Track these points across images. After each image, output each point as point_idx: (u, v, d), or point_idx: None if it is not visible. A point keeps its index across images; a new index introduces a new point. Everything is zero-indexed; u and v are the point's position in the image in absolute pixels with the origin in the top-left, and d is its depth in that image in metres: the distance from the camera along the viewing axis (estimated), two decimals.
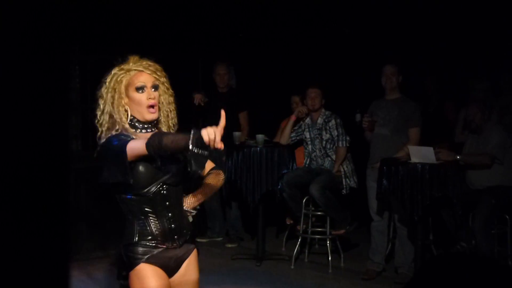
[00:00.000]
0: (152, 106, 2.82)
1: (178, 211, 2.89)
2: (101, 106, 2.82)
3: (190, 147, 2.50)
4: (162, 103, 2.88)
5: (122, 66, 2.85)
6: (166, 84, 2.89)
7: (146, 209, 2.81)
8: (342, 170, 6.07)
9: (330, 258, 5.87)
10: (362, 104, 5.92)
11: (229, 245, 6.62)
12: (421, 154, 5.14)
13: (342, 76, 7.50)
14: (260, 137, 6.10)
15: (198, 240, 2.99)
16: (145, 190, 2.78)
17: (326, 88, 6.27)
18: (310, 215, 6.15)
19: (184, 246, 2.90)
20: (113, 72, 2.85)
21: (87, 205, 6.02)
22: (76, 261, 5.66)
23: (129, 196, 2.80)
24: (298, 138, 6.30)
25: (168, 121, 2.90)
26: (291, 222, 6.40)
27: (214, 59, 6.83)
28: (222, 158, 6.42)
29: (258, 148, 6.02)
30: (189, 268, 2.93)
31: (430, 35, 6.97)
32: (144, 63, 2.85)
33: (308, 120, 6.26)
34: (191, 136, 2.52)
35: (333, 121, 6.09)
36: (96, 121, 2.84)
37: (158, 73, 2.86)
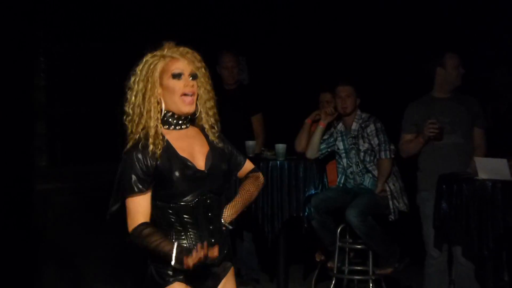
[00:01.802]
0: (187, 94, 3.06)
1: (219, 224, 3.16)
2: (131, 99, 3.06)
3: (173, 263, 2.90)
4: (201, 96, 3.14)
5: (155, 53, 3.11)
6: (206, 76, 3.15)
7: (186, 219, 3.06)
8: (387, 189, 6.05)
9: None
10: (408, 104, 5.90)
11: None
12: (491, 167, 5.11)
13: (383, 69, 7.50)
14: (280, 147, 6.09)
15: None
16: (186, 198, 3.04)
17: (361, 85, 6.26)
18: (347, 249, 6.13)
19: (222, 263, 3.18)
20: (144, 59, 3.10)
21: (57, 236, 6.06)
22: None
23: (166, 204, 3.04)
24: (329, 150, 6.32)
25: (209, 119, 3.16)
26: (322, 258, 6.38)
27: (219, 47, 6.84)
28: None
29: (278, 162, 6.02)
30: (228, 286, 3.21)
31: (499, 15, 6.97)
32: (181, 49, 3.12)
33: (340, 126, 6.26)
34: (174, 252, 2.90)
35: (372, 126, 6.08)
36: (125, 117, 3.07)
37: (197, 62, 3.12)
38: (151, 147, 3.01)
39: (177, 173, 3.01)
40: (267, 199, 6.01)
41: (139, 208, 3.01)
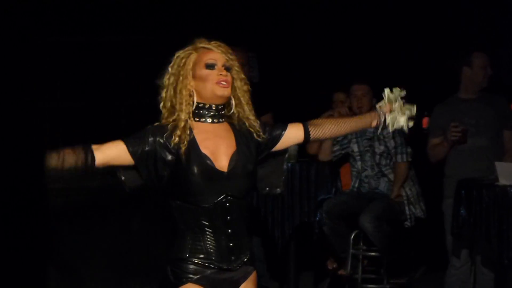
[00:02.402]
0: (222, 82, 3.12)
1: (240, 228, 3.19)
2: (162, 95, 3.14)
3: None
4: (236, 90, 3.19)
5: (187, 47, 3.19)
6: (240, 69, 3.22)
7: (203, 221, 3.11)
8: (404, 194, 6.07)
9: None
10: (430, 104, 5.88)
11: None
12: None
13: (400, 67, 7.49)
14: (292, 149, 6.08)
15: None
16: (204, 198, 3.08)
17: (377, 84, 6.25)
18: (361, 257, 6.13)
19: (242, 268, 3.20)
20: (176, 55, 3.18)
21: (59, 236, 6.12)
22: None
23: (184, 203, 3.10)
24: (343, 152, 6.32)
25: (248, 113, 3.20)
26: (335, 266, 6.39)
27: (228, 43, 6.84)
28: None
29: (290, 164, 6.03)
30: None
31: None
32: (213, 42, 3.21)
33: None
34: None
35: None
36: (161, 117, 3.14)
37: (230, 55, 3.20)
38: (176, 139, 3.06)
39: (195, 170, 3.05)
40: (277, 203, 6.03)
41: (108, 146, 3.05)
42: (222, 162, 3.11)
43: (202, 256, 3.11)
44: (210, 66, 3.13)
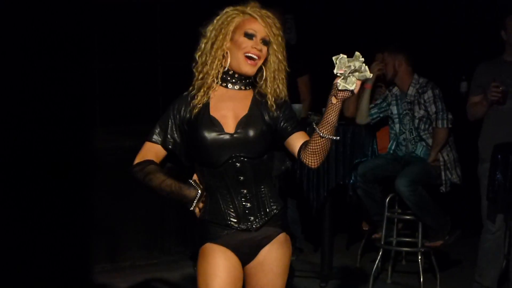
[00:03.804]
0: (251, 58, 3.13)
1: (257, 189, 3.20)
2: (201, 46, 3.18)
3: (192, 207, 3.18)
4: (270, 64, 3.18)
5: (237, 7, 3.21)
6: (281, 46, 3.19)
7: (216, 183, 3.17)
8: (441, 159, 6.06)
9: (422, 280, 5.91)
10: (469, 69, 5.88)
11: None
12: None
13: (438, 29, 7.45)
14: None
15: None
16: (214, 161, 3.13)
17: (413, 48, 6.24)
18: (396, 220, 6.19)
19: (263, 229, 3.19)
20: (225, 10, 3.20)
21: (96, 200, 6.26)
22: (122, 270, 6.25)
23: (200, 165, 3.18)
24: (381, 115, 6.30)
25: (275, 90, 3.18)
26: (369, 228, 6.44)
27: (265, 4, 6.86)
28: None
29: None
30: (268, 256, 3.19)
31: None
32: (264, 11, 3.21)
33: (396, 90, 6.26)
34: (197, 196, 3.17)
35: (429, 92, 6.07)
36: (194, 64, 3.20)
37: (275, 29, 3.19)
38: (198, 98, 3.16)
39: (202, 133, 3.13)
40: None
41: (150, 152, 3.21)
42: (230, 124, 3.14)
43: (220, 217, 3.17)
44: (249, 36, 3.14)
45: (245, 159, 3.13)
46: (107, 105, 6.55)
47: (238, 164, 3.13)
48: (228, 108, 3.16)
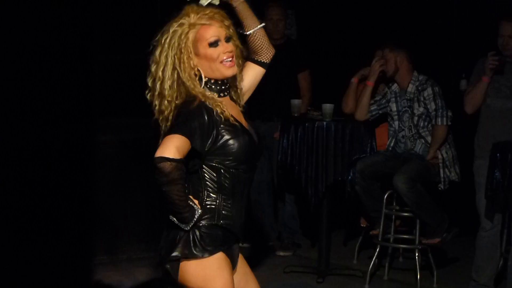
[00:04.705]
0: (228, 61, 3.06)
1: (247, 203, 3.18)
2: (158, 74, 3.01)
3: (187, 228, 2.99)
4: (238, 56, 3.12)
5: (181, 21, 3.03)
6: (235, 33, 3.13)
7: (238, 189, 3.09)
8: (439, 157, 6.08)
9: (419, 277, 5.92)
10: (468, 67, 5.90)
11: (282, 253, 6.74)
12: None
13: (438, 26, 7.46)
14: (327, 107, 6.14)
15: (240, 245, 3.25)
16: (247, 167, 3.09)
17: (413, 45, 6.25)
18: (393, 217, 6.20)
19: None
20: (171, 29, 3.02)
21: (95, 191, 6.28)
22: (119, 263, 6.24)
23: (231, 169, 3.05)
24: (381, 112, 6.33)
25: (240, 80, 3.17)
26: (367, 225, 6.46)
27: (267, 0, 6.86)
28: (274, 133, 6.49)
29: (325, 123, 6.08)
30: (244, 264, 3.27)
31: None
32: (208, 12, 3.05)
33: (395, 86, 6.28)
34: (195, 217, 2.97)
35: (429, 90, 6.10)
36: (148, 92, 3.07)
37: (226, 21, 3.08)
38: (217, 109, 2.99)
39: (241, 139, 3.03)
40: (311, 160, 6.05)
41: (182, 148, 2.92)
42: (253, 134, 3.13)
43: (234, 224, 3.09)
44: (214, 44, 3.04)
45: (253, 173, 3.16)
46: (106, 97, 6.56)
47: (251, 175, 3.15)
48: (241, 118, 3.14)
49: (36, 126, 5.93)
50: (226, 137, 3.02)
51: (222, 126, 3.01)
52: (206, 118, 2.97)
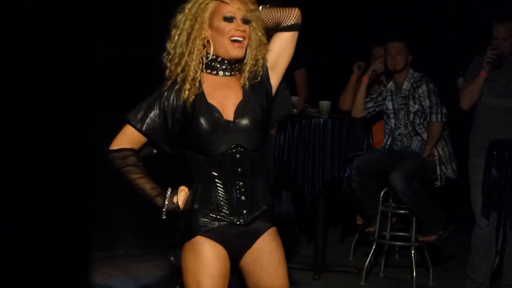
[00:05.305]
0: (237, 41, 3.09)
1: (253, 182, 3.15)
2: (174, 38, 3.10)
3: (163, 215, 3.19)
4: (252, 42, 3.13)
5: None
6: (259, 20, 3.15)
7: (213, 172, 3.12)
8: (436, 154, 6.09)
9: (414, 274, 5.93)
10: (465, 65, 5.91)
11: None
12: None
13: (435, 25, 7.47)
14: (324, 104, 6.15)
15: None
16: (213, 148, 3.09)
17: (414, 41, 6.26)
18: (390, 214, 6.22)
19: (255, 223, 3.17)
20: None
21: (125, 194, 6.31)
22: (115, 259, 6.26)
23: (196, 154, 3.12)
24: (377, 109, 6.34)
25: (257, 68, 3.15)
26: (363, 222, 6.47)
27: None
28: (271, 130, 6.48)
29: (322, 120, 6.09)
30: (263, 251, 3.18)
31: None
32: None
33: (390, 84, 6.29)
34: (166, 203, 3.17)
35: (424, 87, 6.11)
36: (165, 55, 3.14)
37: (251, 5, 3.13)
38: (186, 92, 3.09)
39: (202, 120, 3.07)
40: (308, 157, 6.06)
41: (132, 138, 3.18)
42: (229, 112, 3.11)
43: (212, 207, 3.11)
44: (229, 19, 3.09)
45: (245, 151, 3.10)
46: (103, 94, 6.57)
47: (238, 155, 3.10)
48: (224, 96, 3.13)
49: (33, 122, 5.93)
50: (188, 119, 3.10)
51: (182, 111, 3.11)
52: (157, 107, 3.13)
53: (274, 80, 3.22)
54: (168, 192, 3.17)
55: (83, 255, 6.17)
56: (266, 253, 3.18)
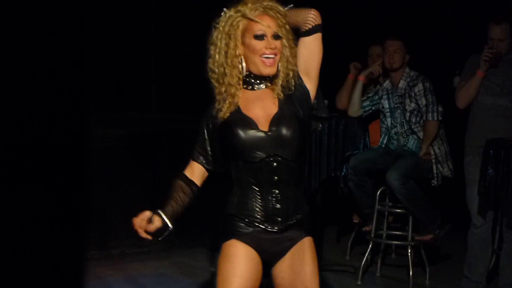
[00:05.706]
0: (268, 56, 3.15)
1: (289, 191, 3.22)
2: (216, 56, 3.19)
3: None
4: (284, 56, 3.19)
5: (239, 7, 3.18)
6: (289, 33, 3.20)
7: (250, 179, 3.21)
8: (432, 152, 6.10)
9: (411, 273, 5.93)
10: (462, 64, 5.91)
11: None
12: None
13: (434, 23, 7.47)
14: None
15: None
16: (250, 156, 3.18)
17: (410, 40, 6.26)
18: (386, 213, 6.23)
19: (289, 231, 3.22)
20: (228, 14, 3.19)
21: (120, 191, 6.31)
22: (111, 258, 6.25)
23: (235, 161, 3.23)
24: (373, 108, 6.35)
25: (290, 79, 3.20)
26: (359, 221, 6.48)
27: None
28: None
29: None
30: (297, 259, 3.23)
31: None
32: (266, 3, 3.17)
33: (387, 83, 6.30)
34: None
35: (420, 86, 6.12)
36: (211, 74, 3.22)
37: (281, 19, 3.18)
38: (225, 108, 3.19)
39: (239, 131, 3.15)
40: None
41: (191, 168, 3.32)
42: (263, 123, 3.18)
43: (247, 213, 3.19)
44: (260, 37, 3.16)
45: (282, 160, 3.17)
46: (99, 92, 6.57)
47: (275, 164, 3.17)
48: (259, 108, 3.20)
49: (29, 120, 5.92)
50: (226, 130, 3.20)
51: (223, 123, 3.20)
52: (205, 135, 3.29)
53: (309, 85, 3.30)
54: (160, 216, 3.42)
55: (78, 254, 6.16)
56: (299, 262, 3.23)
